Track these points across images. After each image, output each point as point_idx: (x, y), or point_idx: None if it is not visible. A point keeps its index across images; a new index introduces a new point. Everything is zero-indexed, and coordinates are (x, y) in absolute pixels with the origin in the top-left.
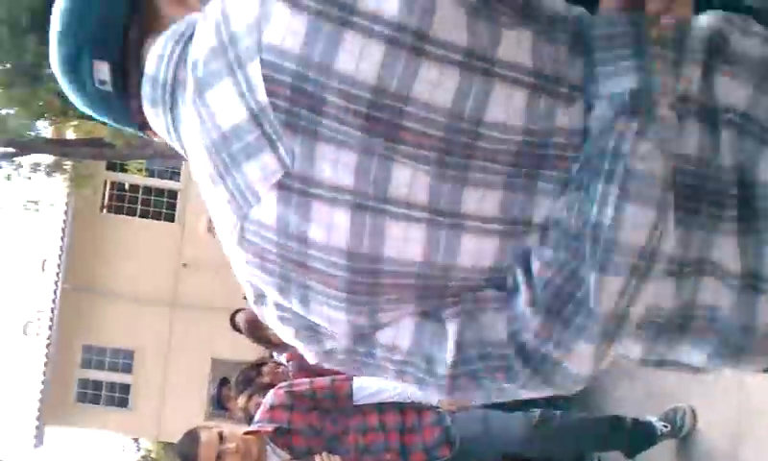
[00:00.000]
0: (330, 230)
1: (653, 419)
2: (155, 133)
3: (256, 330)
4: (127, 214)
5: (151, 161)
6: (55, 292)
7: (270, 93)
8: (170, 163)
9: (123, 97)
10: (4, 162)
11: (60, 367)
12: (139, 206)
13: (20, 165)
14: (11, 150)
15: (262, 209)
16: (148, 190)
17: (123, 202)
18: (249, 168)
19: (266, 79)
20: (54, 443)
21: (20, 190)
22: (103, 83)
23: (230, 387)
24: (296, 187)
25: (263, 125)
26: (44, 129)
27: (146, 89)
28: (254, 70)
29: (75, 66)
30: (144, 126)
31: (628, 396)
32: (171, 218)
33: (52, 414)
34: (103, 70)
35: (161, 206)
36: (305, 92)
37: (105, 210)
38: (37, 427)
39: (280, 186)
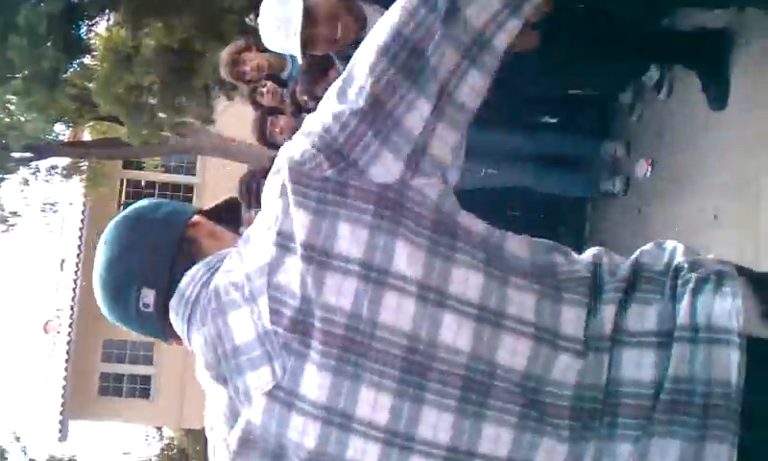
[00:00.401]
0: (302, 436)
1: None
2: (179, 342)
3: None
4: None
5: (167, 157)
6: (74, 290)
7: (273, 322)
8: (186, 159)
9: (161, 316)
10: (22, 167)
11: (81, 362)
12: None
13: (37, 169)
14: (28, 155)
15: (252, 411)
16: (164, 186)
17: (140, 198)
18: (249, 377)
19: (271, 310)
20: (78, 436)
21: (38, 193)
22: (146, 306)
23: None
24: (281, 397)
25: (265, 344)
26: (61, 132)
27: (173, 301)
28: (263, 303)
29: (121, 291)
30: (171, 336)
31: None
32: None
33: (75, 409)
34: (149, 296)
35: (178, 201)
36: (299, 322)
37: (122, 208)
38: (61, 422)
39: (269, 395)
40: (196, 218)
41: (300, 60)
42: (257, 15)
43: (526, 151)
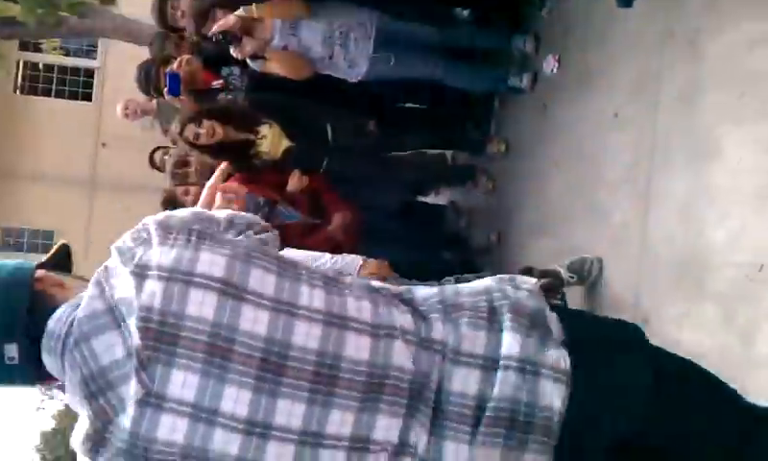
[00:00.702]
0: (172, 433)
1: (561, 269)
2: (52, 381)
3: (172, 207)
4: (42, 95)
5: (66, 40)
6: None
7: (142, 338)
8: (86, 41)
9: (29, 364)
10: None
11: None
12: (55, 86)
13: None
14: None
15: (125, 418)
16: (63, 70)
17: (38, 82)
18: (123, 389)
19: (139, 329)
20: None
21: None
22: (12, 359)
23: None
24: (151, 402)
25: (134, 359)
26: None
27: (44, 341)
28: (132, 323)
29: None
30: (42, 379)
31: (539, 249)
32: (88, 97)
33: None
34: (12, 349)
35: (78, 86)
36: (166, 333)
37: (18, 91)
38: None
39: (140, 403)
40: (39, 273)
41: None
42: None
43: (437, 43)
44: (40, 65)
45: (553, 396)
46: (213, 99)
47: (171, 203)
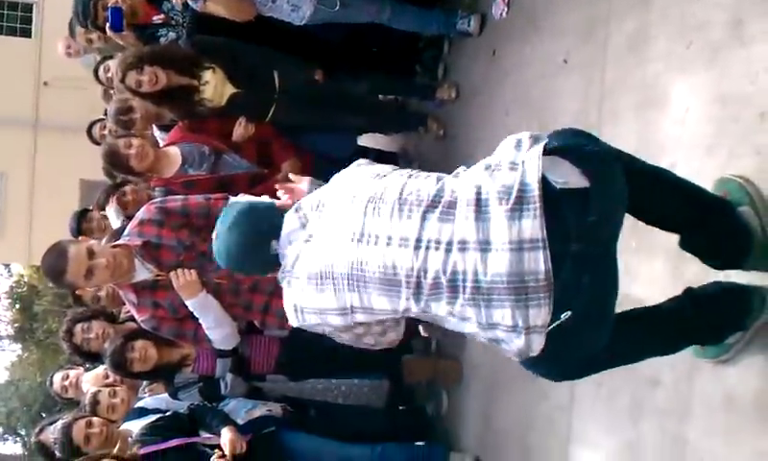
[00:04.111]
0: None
1: None
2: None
3: (115, 159)
4: None
5: None
6: None
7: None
8: None
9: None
10: None
11: None
12: None
13: None
14: None
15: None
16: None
17: None
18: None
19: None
20: None
21: None
22: (275, 250)
23: (90, 219)
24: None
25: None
26: None
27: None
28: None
29: (259, 245)
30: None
31: None
32: (27, 33)
33: None
34: (275, 244)
35: (15, 21)
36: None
37: None
38: None
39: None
40: (278, 202)
41: None
42: None
43: None
44: None
45: (538, 262)
46: (154, 35)
47: (113, 156)
